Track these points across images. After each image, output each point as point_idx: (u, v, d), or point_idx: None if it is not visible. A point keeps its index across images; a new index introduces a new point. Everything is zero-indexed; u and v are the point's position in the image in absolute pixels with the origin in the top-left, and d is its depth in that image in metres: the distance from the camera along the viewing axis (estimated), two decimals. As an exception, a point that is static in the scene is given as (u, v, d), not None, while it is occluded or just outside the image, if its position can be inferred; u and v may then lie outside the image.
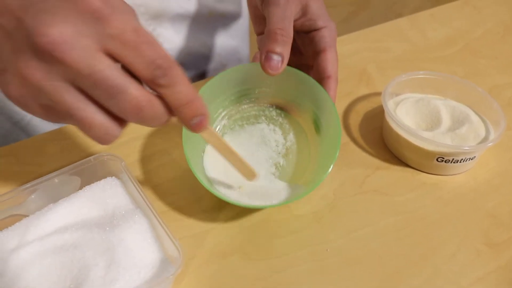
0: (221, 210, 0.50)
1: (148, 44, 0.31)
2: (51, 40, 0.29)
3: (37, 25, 0.29)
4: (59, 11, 0.29)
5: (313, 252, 0.47)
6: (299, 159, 0.53)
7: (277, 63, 0.46)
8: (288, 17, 0.47)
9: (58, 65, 0.29)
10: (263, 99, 0.55)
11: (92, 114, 0.31)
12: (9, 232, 0.42)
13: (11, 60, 0.30)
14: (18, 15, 0.30)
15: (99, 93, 0.31)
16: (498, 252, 0.48)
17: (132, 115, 0.32)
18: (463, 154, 0.52)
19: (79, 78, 0.30)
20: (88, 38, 0.30)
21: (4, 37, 0.31)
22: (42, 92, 0.30)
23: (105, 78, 0.30)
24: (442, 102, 0.58)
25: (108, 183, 0.46)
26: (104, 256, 0.40)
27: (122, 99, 0.31)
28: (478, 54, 0.73)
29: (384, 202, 0.52)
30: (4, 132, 0.70)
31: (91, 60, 0.30)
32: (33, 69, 0.30)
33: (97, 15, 0.30)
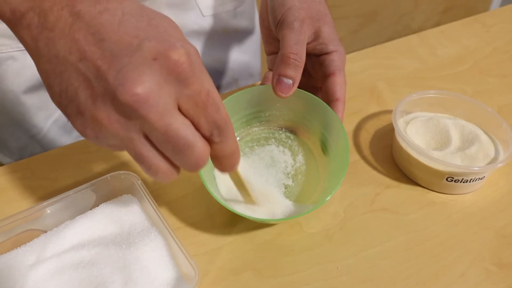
0: (234, 227, 0.51)
1: (214, 106, 0.33)
2: (137, 99, 0.30)
3: (122, 81, 0.30)
4: (145, 69, 0.30)
5: (324, 270, 0.48)
6: (307, 179, 0.54)
7: (288, 86, 0.48)
8: (302, 41, 0.48)
9: (138, 120, 0.31)
10: (273, 122, 0.57)
11: (158, 162, 0.33)
12: (27, 248, 0.43)
13: (89, 106, 0.31)
14: (98, 65, 0.31)
15: (168, 147, 0.33)
16: (508, 272, 0.48)
17: (192, 168, 0.34)
18: (473, 174, 0.53)
19: (153, 133, 0.32)
20: (168, 97, 0.31)
21: (83, 83, 0.32)
22: (116, 137, 0.32)
23: (177, 136, 0.32)
24: (452, 121, 0.59)
25: (124, 201, 0.47)
26: (121, 274, 0.41)
27: (188, 155, 0.33)
28: (487, 72, 0.74)
29: (394, 221, 0.53)
30: (21, 145, 0.71)
31: (168, 119, 0.31)
32: (113, 120, 0.31)
33: (181, 77, 0.31)
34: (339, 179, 0.48)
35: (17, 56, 0.64)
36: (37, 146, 0.72)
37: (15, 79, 0.65)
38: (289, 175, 0.54)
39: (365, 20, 1.81)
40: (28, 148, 0.72)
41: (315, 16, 0.51)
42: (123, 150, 0.35)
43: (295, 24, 0.48)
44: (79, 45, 0.31)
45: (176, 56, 0.31)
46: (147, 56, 0.31)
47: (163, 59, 0.31)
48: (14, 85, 0.65)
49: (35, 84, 0.66)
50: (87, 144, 0.60)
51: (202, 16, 0.72)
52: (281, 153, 0.55)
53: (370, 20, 1.82)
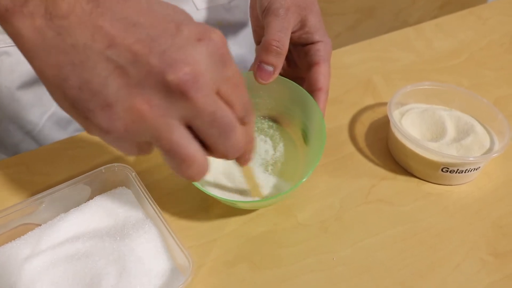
0: (229, 219, 0.51)
1: (244, 88, 0.33)
2: (187, 78, 0.29)
3: (169, 62, 0.29)
4: (191, 50, 0.30)
5: (320, 262, 0.48)
6: (286, 169, 0.54)
7: (268, 73, 0.47)
8: (285, 29, 0.48)
9: (183, 103, 0.30)
10: (256, 111, 0.56)
11: (194, 152, 0.32)
12: (21, 242, 0.43)
13: (122, 96, 0.29)
14: (136, 50, 0.29)
15: (213, 131, 0.32)
16: (504, 262, 0.48)
17: (234, 152, 0.34)
18: (468, 164, 0.53)
19: (198, 116, 0.31)
20: (211, 79, 0.30)
21: (113, 71, 0.29)
22: (152, 128, 0.30)
23: (223, 117, 0.31)
24: (447, 112, 0.59)
25: (118, 193, 0.47)
26: (116, 265, 0.41)
27: (231, 137, 0.32)
28: (483, 65, 0.74)
29: (389, 212, 0.53)
30: (16, 141, 0.71)
31: (213, 100, 0.31)
32: (154, 105, 0.29)
33: (223, 59, 0.31)
34: (314, 164, 0.47)
35: (11, 52, 0.63)
36: (32, 142, 0.72)
37: (9, 75, 0.65)
38: (268, 164, 0.54)
39: (362, 16, 1.81)
40: (23, 144, 0.72)
41: (301, 5, 0.50)
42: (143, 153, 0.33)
43: (280, 11, 0.48)
44: (105, 32, 0.29)
45: (218, 38, 0.31)
46: (190, 37, 0.30)
47: (207, 40, 0.30)
48: (8, 81, 0.65)
49: (29, 80, 0.66)
50: (81, 139, 0.60)
51: (196, 9, 0.72)
52: (262, 141, 0.55)
53: (367, 16, 1.81)
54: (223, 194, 0.50)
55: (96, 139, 0.59)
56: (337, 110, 0.64)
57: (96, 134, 0.32)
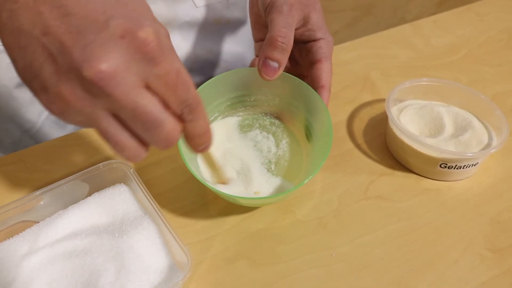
0: (228, 216, 0.51)
1: (184, 86, 0.33)
2: (101, 76, 0.29)
3: (88, 58, 0.29)
4: (112, 47, 0.30)
5: (318, 258, 0.48)
6: (290, 166, 0.54)
7: (273, 69, 0.48)
8: (290, 25, 0.48)
9: (104, 98, 0.31)
10: (259, 107, 0.56)
11: (125, 139, 0.33)
12: (19, 239, 0.43)
13: (53, 82, 0.31)
14: (63, 40, 0.30)
15: (137, 125, 0.32)
16: (502, 258, 0.48)
17: (162, 145, 0.34)
18: (466, 160, 0.53)
19: (121, 111, 0.32)
20: (135, 75, 0.31)
21: (47, 58, 0.31)
22: (82, 114, 0.32)
23: (146, 113, 0.32)
24: (445, 108, 0.59)
25: (117, 190, 0.46)
26: (114, 262, 0.40)
27: (157, 132, 0.33)
28: (481, 61, 0.74)
29: (388, 208, 0.53)
30: (15, 140, 0.71)
31: (136, 96, 0.31)
32: (77, 96, 0.31)
33: (149, 56, 0.31)
34: (321, 161, 0.47)
35: (7, 51, 0.63)
36: (31, 141, 0.72)
37: (7, 74, 0.65)
38: (271, 162, 0.54)
39: (360, 13, 1.81)
40: (22, 143, 0.72)
41: (304, 2, 0.50)
42: (91, 127, 0.34)
43: (284, 8, 0.48)
44: (44, 19, 0.30)
45: (144, 35, 0.31)
46: (114, 34, 0.30)
47: (130, 37, 0.30)
48: (6, 80, 0.65)
49: (27, 79, 0.66)
50: (80, 136, 0.60)
51: (195, 7, 0.72)
52: (264, 138, 0.55)
53: (365, 13, 1.81)
54: (225, 189, 0.50)
55: (94, 137, 0.59)
56: (336, 106, 0.64)
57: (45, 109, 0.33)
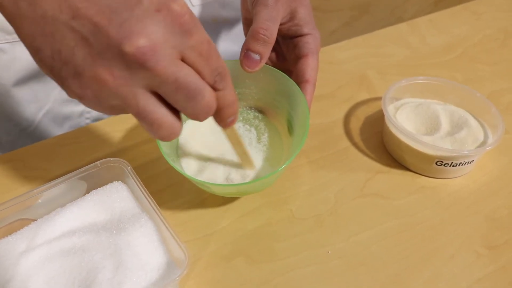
0: (225, 214, 0.51)
1: (215, 55, 0.34)
2: (143, 51, 0.30)
3: (127, 34, 0.30)
4: (149, 21, 0.30)
5: (315, 255, 0.48)
6: (270, 159, 0.53)
7: (255, 61, 0.47)
8: (274, 18, 0.48)
9: (145, 73, 0.31)
10: (242, 101, 0.56)
11: (162, 116, 0.33)
12: (17, 236, 0.43)
13: (88, 65, 0.31)
14: (96, 21, 0.30)
15: (179, 97, 0.33)
16: (497, 254, 0.49)
17: (203, 115, 0.35)
18: (462, 158, 0.53)
19: (162, 84, 0.32)
20: (172, 48, 0.31)
21: (80, 42, 0.31)
22: (118, 95, 0.32)
23: (188, 83, 0.32)
24: (442, 107, 0.59)
25: (114, 188, 0.47)
26: (112, 259, 0.41)
27: (199, 101, 0.33)
28: (477, 60, 0.74)
29: (384, 206, 0.53)
30: (12, 138, 0.71)
31: (175, 67, 0.31)
32: (116, 76, 0.31)
33: (184, 28, 0.31)
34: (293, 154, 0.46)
35: (5, 49, 0.63)
36: (28, 139, 0.72)
37: (5, 72, 0.65)
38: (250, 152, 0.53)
39: (357, 12, 1.81)
40: (19, 141, 0.72)
41: None
42: (122, 113, 0.34)
43: (270, 1, 0.48)
44: (70, 2, 0.30)
45: (179, 8, 0.31)
46: (149, 9, 0.30)
47: (166, 11, 0.31)
48: (4, 78, 0.65)
49: (25, 77, 0.66)
50: (78, 134, 0.60)
51: (191, 5, 0.72)
52: (247, 131, 0.55)
53: (362, 12, 1.82)
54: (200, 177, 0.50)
55: (92, 134, 0.59)
56: (332, 105, 0.65)
57: (73, 98, 0.33)
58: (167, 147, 0.49)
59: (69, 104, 0.71)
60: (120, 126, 0.60)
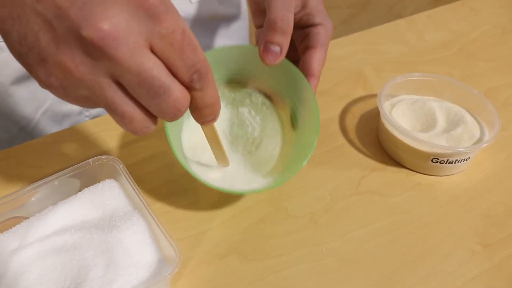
0: (218, 212, 0.51)
1: (191, 47, 0.31)
2: (102, 35, 0.28)
3: (87, 17, 0.28)
4: (111, 5, 0.28)
5: (310, 253, 0.48)
6: (267, 151, 0.53)
7: (275, 54, 0.45)
8: (289, 7, 0.46)
9: (106, 61, 0.29)
10: (252, 83, 0.54)
11: (131, 110, 0.31)
12: (9, 234, 0.43)
13: (51, 51, 0.29)
14: (59, 4, 0.28)
15: (142, 92, 0.30)
16: (493, 252, 0.49)
17: (170, 115, 0.32)
18: (458, 155, 0.53)
19: (125, 75, 0.30)
20: (138, 35, 0.29)
21: (43, 25, 0.29)
22: (84, 85, 0.30)
23: (152, 77, 0.30)
24: (438, 103, 0.59)
25: (106, 185, 0.46)
26: (103, 257, 0.40)
27: (165, 99, 0.31)
28: (474, 56, 0.74)
29: (379, 203, 0.53)
30: (11, 137, 0.70)
31: (140, 58, 0.29)
32: (78, 63, 0.29)
33: (151, 12, 0.29)
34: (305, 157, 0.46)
35: (4, 47, 0.63)
36: (27, 138, 0.72)
37: (3, 70, 0.65)
38: (254, 140, 0.53)
39: (356, 10, 1.81)
40: (18, 140, 0.72)
41: None
42: (95, 106, 0.32)
43: None
44: None
45: None
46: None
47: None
48: (2, 76, 0.65)
49: (23, 75, 0.66)
50: (72, 132, 0.59)
51: (190, 2, 0.72)
52: (252, 117, 0.54)
53: (361, 10, 1.81)
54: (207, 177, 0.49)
55: (87, 132, 0.59)
56: (328, 101, 0.64)
57: (42, 87, 0.31)
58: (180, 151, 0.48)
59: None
60: (115, 124, 0.60)
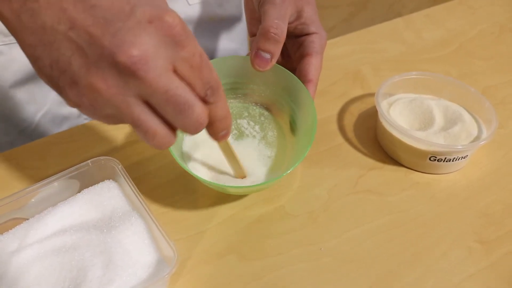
0: (217, 212, 0.51)
1: (207, 68, 0.34)
2: (134, 60, 0.30)
3: (119, 44, 0.30)
4: (141, 33, 0.31)
5: (308, 252, 0.48)
6: (273, 157, 0.54)
7: (266, 60, 0.48)
8: (283, 17, 0.48)
9: (136, 82, 0.31)
10: (250, 97, 0.56)
11: (156, 126, 0.34)
12: (9, 235, 0.43)
13: (83, 74, 0.32)
14: (91, 32, 0.31)
15: (169, 109, 0.33)
16: (490, 250, 0.49)
17: (193, 129, 0.35)
18: (456, 153, 0.53)
19: (153, 95, 0.32)
20: (164, 59, 0.32)
21: (75, 51, 0.32)
22: (113, 104, 0.32)
23: (177, 95, 0.33)
24: (435, 102, 0.59)
25: (105, 186, 0.47)
26: (102, 257, 0.41)
27: (188, 115, 0.34)
28: (472, 54, 0.74)
29: (377, 202, 0.53)
30: (11, 140, 0.71)
31: (166, 79, 0.32)
32: (109, 84, 0.32)
33: (176, 39, 0.32)
34: (300, 157, 0.47)
35: (4, 50, 0.63)
36: (27, 141, 0.72)
37: (2, 73, 0.65)
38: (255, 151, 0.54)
39: (356, 8, 1.81)
40: (18, 142, 0.72)
41: None
42: (119, 123, 0.35)
43: (277, 0, 0.48)
44: (68, 14, 0.31)
45: (171, 19, 0.32)
46: (141, 20, 0.31)
47: (158, 22, 0.31)
48: (1, 80, 0.65)
49: (22, 78, 0.66)
50: (72, 133, 0.60)
51: (188, 4, 0.72)
52: (251, 128, 0.55)
53: (361, 9, 1.81)
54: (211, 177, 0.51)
55: (86, 133, 0.59)
56: (326, 101, 0.65)
57: (72, 106, 0.34)
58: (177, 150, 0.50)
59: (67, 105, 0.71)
60: (113, 126, 0.60)
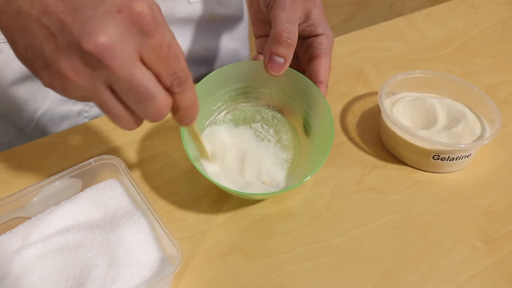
0: (220, 210, 0.51)
1: (174, 58, 0.35)
2: (101, 49, 0.31)
3: (87, 32, 0.31)
4: (109, 21, 0.32)
5: (311, 251, 0.48)
6: (289, 160, 0.54)
7: (279, 65, 0.48)
8: (293, 20, 0.49)
9: (102, 70, 0.32)
10: (262, 100, 0.56)
11: (121, 112, 0.35)
12: (12, 234, 0.43)
13: (54, 59, 0.33)
14: (62, 18, 0.32)
15: (131, 97, 0.34)
16: (494, 248, 0.49)
17: (153, 118, 0.36)
18: (459, 151, 0.53)
19: (117, 83, 0.33)
20: (131, 47, 0.33)
21: (48, 36, 0.32)
22: (82, 89, 0.34)
23: (141, 85, 0.33)
24: (439, 100, 0.59)
25: (108, 185, 0.47)
26: (105, 256, 0.41)
27: (150, 105, 0.35)
28: (474, 53, 0.74)
29: (381, 201, 0.53)
30: (10, 139, 0.71)
31: (132, 68, 0.33)
32: (78, 71, 0.33)
33: (144, 29, 0.33)
34: (321, 160, 0.48)
35: (3, 48, 0.63)
36: (26, 140, 0.72)
37: (2, 71, 0.65)
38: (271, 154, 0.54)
39: (357, 8, 1.81)
40: (18, 141, 0.72)
41: None
42: (90, 101, 0.36)
43: (287, 4, 0.49)
44: (43, 2, 0.32)
45: (140, 8, 0.32)
46: (110, 9, 0.32)
47: (126, 11, 0.32)
48: (1, 78, 0.65)
49: (22, 76, 0.66)
50: (73, 132, 0.60)
51: (189, 3, 0.72)
52: (265, 132, 0.55)
53: (362, 8, 1.81)
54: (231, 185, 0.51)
55: (88, 132, 0.59)
56: (329, 100, 0.63)
57: (47, 87, 0.35)
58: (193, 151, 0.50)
59: (66, 103, 0.71)
60: (114, 125, 0.60)
